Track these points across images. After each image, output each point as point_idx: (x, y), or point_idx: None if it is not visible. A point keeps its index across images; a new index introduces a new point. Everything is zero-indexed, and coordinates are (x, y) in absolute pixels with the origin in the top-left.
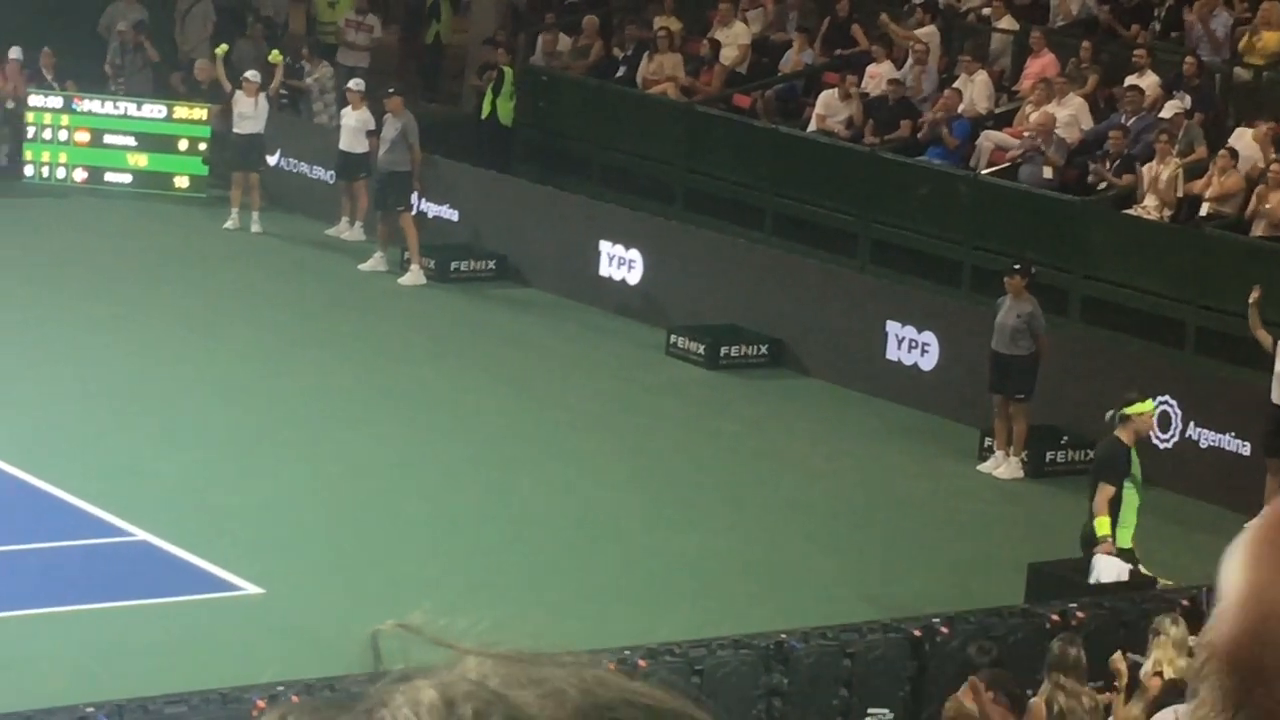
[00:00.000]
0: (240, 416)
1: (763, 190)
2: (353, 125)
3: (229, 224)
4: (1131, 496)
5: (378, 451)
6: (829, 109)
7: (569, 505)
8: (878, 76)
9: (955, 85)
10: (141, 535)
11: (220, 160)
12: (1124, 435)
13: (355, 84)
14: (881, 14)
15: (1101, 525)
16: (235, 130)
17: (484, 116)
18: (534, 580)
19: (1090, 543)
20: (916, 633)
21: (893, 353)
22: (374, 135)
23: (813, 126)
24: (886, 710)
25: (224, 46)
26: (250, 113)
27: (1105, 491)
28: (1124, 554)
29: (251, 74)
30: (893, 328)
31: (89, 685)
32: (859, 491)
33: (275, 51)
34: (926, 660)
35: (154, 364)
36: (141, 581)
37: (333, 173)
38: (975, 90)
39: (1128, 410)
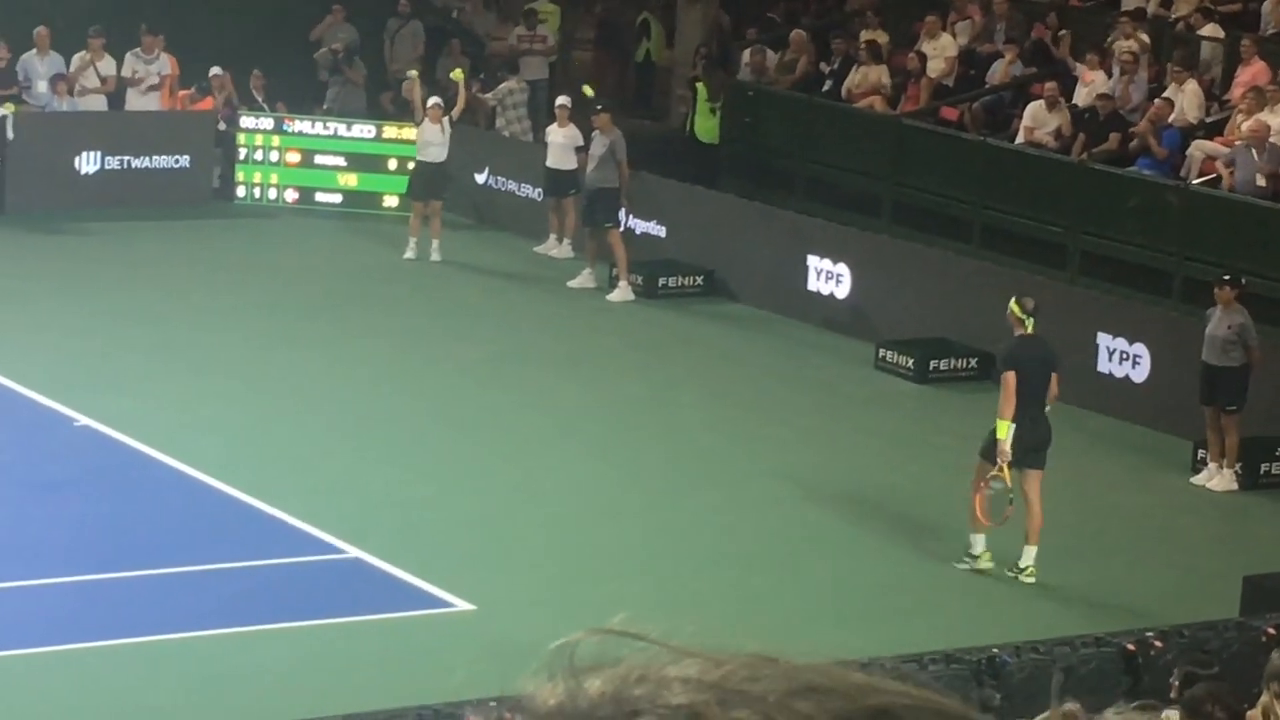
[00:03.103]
0: (451, 433)
1: (971, 203)
2: (560, 142)
3: (408, 254)
4: None
5: (589, 466)
6: (1037, 120)
7: (778, 520)
8: (1088, 87)
9: (1165, 95)
10: (354, 552)
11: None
12: None
13: (562, 101)
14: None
15: None
16: (419, 157)
17: (687, 132)
18: (744, 595)
19: None
20: (1130, 646)
21: (1104, 365)
22: (582, 151)
23: (1020, 138)
24: None
25: (414, 71)
26: (435, 140)
27: None
28: None
29: (434, 100)
30: (1103, 340)
31: (302, 701)
32: (1071, 505)
33: (457, 70)
34: (1140, 674)
35: (366, 381)
36: (354, 598)
37: (540, 190)
38: (1185, 100)
39: None
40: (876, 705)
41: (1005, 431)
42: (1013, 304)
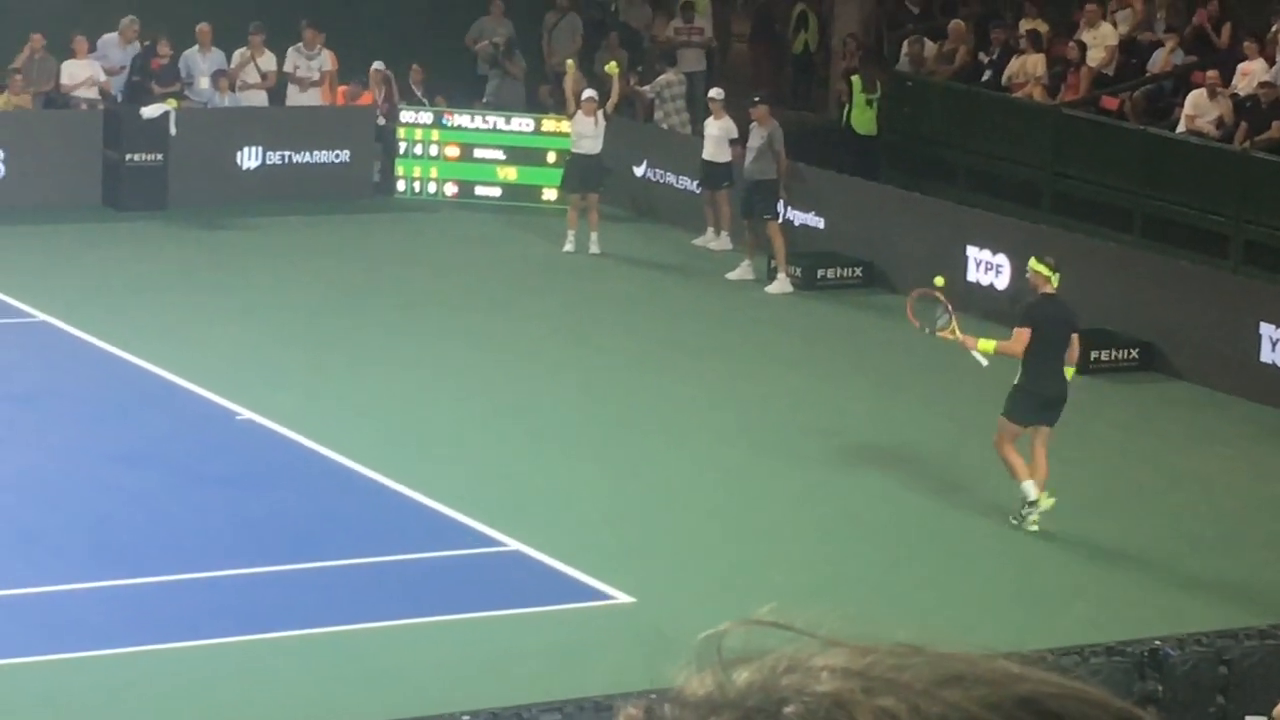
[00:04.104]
0: (612, 425)
1: (1131, 192)
2: (715, 134)
3: (567, 246)
4: None
5: (749, 458)
6: (1198, 109)
7: (937, 512)
8: (1249, 75)
9: None
10: (514, 545)
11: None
12: None
13: (716, 93)
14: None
15: None
16: (574, 150)
17: (844, 124)
18: (907, 584)
19: None
20: None
21: (1267, 355)
22: (737, 144)
23: (1182, 127)
24: (1264, 718)
25: (570, 62)
26: (589, 132)
27: None
28: None
29: (589, 93)
30: (1266, 330)
31: (464, 693)
32: (1233, 495)
33: (612, 63)
34: None
35: (525, 373)
36: (514, 591)
37: (697, 182)
38: None
39: None
40: (1024, 694)
41: (985, 348)
42: (1035, 263)
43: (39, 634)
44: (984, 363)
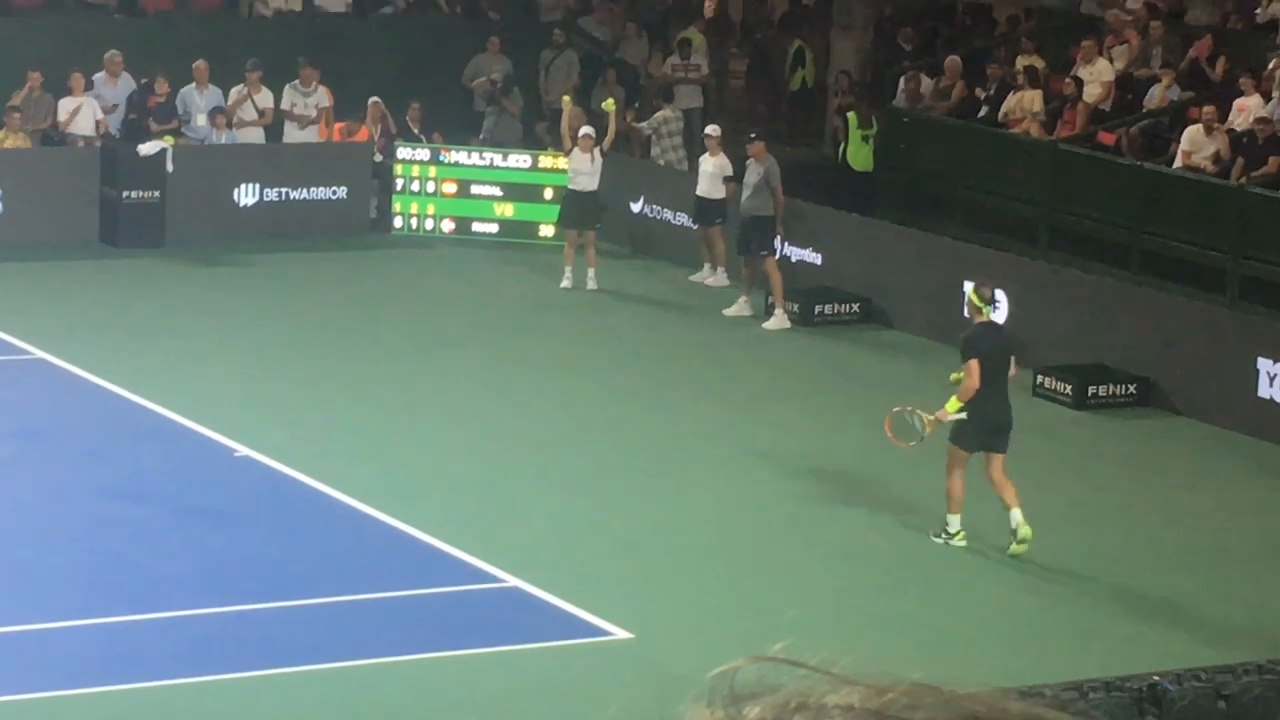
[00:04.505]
0: (608, 461)
1: (1129, 228)
2: (710, 171)
3: (564, 283)
4: None
5: (746, 494)
6: (1195, 145)
7: (937, 547)
8: (1245, 110)
9: None
10: (512, 581)
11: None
12: None
13: (712, 130)
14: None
15: None
16: (571, 186)
17: (840, 160)
18: (905, 620)
19: None
20: None
21: (1264, 390)
22: (731, 181)
23: (1178, 163)
24: None
25: (567, 98)
26: (586, 169)
27: None
28: None
29: (586, 130)
30: (1264, 365)
31: None
32: (1232, 531)
33: (609, 100)
34: None
35: (522, 409)
36: (512, 627)
37: (691, 218)
38: None
39: None
40: None
41: (954, 408)
42: (971, 293)
43: (34, 671)
44: (963, 416)
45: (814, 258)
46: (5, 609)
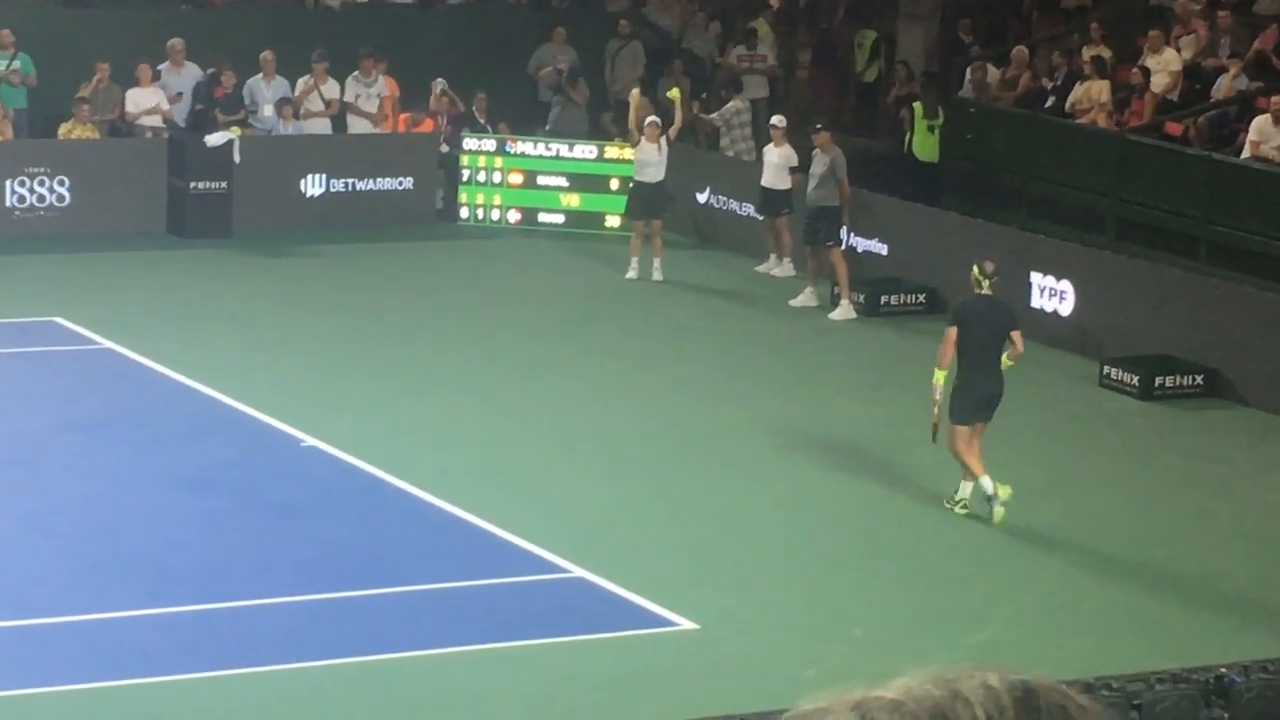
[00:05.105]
0: (673, 451)
1: (1196, 218)
2: (775, 162)
3: (630, 274)
4: None
5: (810, 485)
6: (1263, 135)
7: (1003, 537)
8: None
9: None
10: (577, 571)
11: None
12: None
13: (777, 120)
14: None
15: None
16: (637, 177)
17: (906, 151)
18: (965, 612)
19: None
20: None
21: None
22: (797, 172)
23: (1246, 153)
24: None
25: (636, 92)
26: (652, 160)
27: None
28: None
29: (651, 119)
30: None
31: (527, 719)
32: None
33: (675, 89)
34: None
35: (588, 400)
36: (577, 618)
37: (756, 209)
38: None
39: None
40: None
41: (939, 378)
42: (975, 268)
43: (102, 660)
44: (943, 384)
45: (879, 248)
46: (74, 598)
